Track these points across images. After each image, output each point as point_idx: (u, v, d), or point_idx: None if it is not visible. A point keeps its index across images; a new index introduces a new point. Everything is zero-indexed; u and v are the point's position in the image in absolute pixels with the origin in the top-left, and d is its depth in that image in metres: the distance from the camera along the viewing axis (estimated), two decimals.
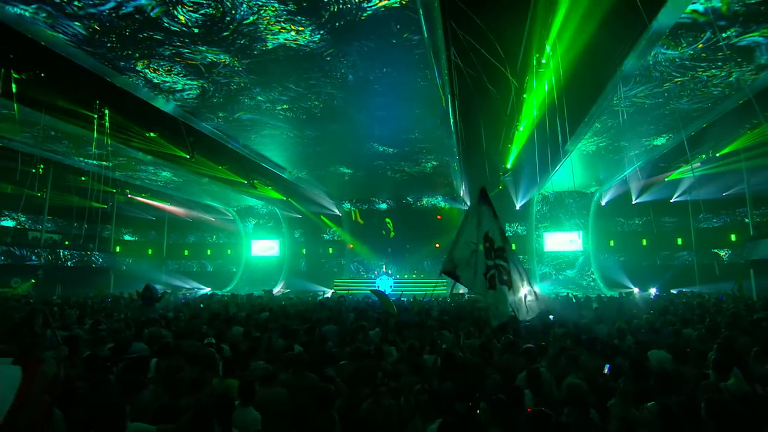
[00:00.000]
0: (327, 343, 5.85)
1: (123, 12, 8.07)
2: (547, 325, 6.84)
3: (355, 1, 7.81)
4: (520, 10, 8.06)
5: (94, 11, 8.05)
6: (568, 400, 3.10)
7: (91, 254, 24.08)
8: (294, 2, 7.87)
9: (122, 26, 8.51)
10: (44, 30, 8.53)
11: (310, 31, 8.75)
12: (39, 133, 14.58)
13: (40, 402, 2.43)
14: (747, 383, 3.37)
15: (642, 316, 7.93)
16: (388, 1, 7.74)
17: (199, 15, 8.21)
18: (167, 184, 22.29)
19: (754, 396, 3.18)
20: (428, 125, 13.70)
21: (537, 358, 4.26)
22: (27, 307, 11.88)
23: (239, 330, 6.84)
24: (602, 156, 17.11)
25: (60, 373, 2.69)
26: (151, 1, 7.78)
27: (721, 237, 21.69)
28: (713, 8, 7.69)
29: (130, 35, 8.81)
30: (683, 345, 4.98)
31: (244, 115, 13.14)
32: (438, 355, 4.64)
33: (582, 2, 7.36)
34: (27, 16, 8.11)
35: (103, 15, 8.17)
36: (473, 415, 3.21)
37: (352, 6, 7.96)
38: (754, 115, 11.15)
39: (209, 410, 2.61)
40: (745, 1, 7.57)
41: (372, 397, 3.24)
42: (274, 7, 8.02)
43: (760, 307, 9.70)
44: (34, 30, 8.47)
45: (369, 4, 7.87)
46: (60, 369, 2.68)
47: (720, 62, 9.65)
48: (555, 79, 9.47)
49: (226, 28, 8.65)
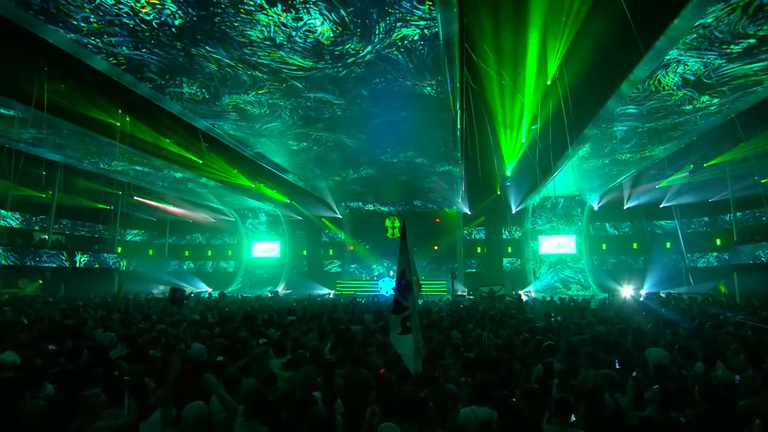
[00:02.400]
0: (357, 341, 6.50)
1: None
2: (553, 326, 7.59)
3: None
4: (528, 36, 8.82)
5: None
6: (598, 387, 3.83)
7: (96, 255, 24.43)
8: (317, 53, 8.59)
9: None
10: (93, 56, 9.15)
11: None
12: (44, 135, 15.00)
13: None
14: (730, 372, 4.15)
15: (635, 318, 8.77)
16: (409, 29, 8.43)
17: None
18: (173, 185, 22.66)
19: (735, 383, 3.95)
20: (436, 135, 14.40)
21: (555, 353, 4.99)
22: (48, 308, 12.37)
23: (274, 333, 7.47)
24: (596, 165, 18.00)
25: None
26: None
27: (707, 241, 22.78)
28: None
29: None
30: (675, 343, 5.77)
31: (261, 127, 13.75)
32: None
33: (586, 35, 8.13)
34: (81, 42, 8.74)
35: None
36: (509, 401, 3.93)
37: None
38: (737, 132, 12.09)
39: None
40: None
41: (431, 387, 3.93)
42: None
43: (741, 309, 10.60)
44: (83, 53, 9.06)
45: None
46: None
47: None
48: (558, 98, 10.25)
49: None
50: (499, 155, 15.84)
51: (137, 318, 8.86)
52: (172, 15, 8.03)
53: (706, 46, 8.64)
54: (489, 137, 13.33)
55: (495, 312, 10.64)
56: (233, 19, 8.16)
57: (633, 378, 3.80)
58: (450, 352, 5.50)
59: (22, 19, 8.03)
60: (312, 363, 4.69)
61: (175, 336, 6.56)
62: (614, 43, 8.52)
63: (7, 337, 6.07)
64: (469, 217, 26.77)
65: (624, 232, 25.49)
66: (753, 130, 12.44)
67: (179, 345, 5.73)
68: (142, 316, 9.23)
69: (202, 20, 8.19)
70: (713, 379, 3.96)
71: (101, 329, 7.54)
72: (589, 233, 25.52)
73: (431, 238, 26.49)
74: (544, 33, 8.68)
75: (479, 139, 14.37)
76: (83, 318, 8.22)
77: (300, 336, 6.82)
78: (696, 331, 6.93)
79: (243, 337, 6.28)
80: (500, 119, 13.20)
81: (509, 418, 3.15)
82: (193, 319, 8.02)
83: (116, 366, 4.59)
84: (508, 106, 12.16)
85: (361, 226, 28.17)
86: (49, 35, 8.55)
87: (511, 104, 12.00)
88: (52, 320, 8.67)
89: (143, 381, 4.04)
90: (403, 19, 8.17)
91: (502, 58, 9.77)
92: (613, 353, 5.42)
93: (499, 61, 9.72)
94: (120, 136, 13.31)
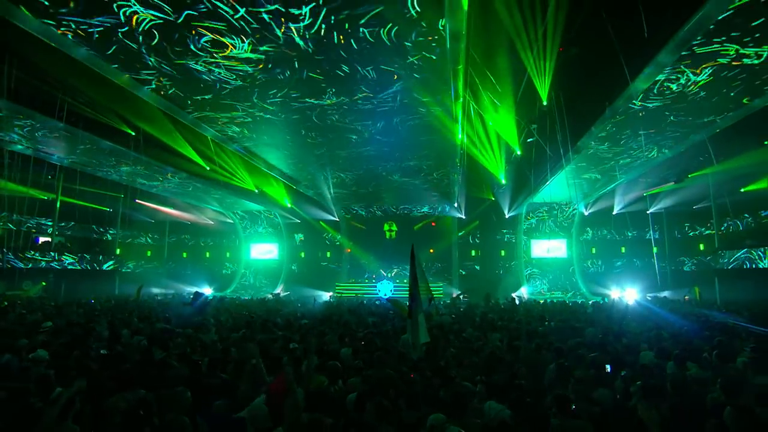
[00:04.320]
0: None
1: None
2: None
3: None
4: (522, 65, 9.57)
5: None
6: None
7: (96, 257, 24.75)
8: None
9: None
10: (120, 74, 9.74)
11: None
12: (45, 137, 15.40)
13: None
14: (703, 370, 4.91)
15: (624, 322, 9.57)
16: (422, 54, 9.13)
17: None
18: (177, 189, 23.07)
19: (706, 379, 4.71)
20: (438, 146, 15.11)
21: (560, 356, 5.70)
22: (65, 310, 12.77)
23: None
24: (587, 174, 18.89)
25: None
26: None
27: (691, 246, 23.84)
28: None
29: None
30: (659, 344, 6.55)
31: (267, 138, 14.36)
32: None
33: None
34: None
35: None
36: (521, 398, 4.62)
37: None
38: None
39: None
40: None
41: (446, 385, 4.61)
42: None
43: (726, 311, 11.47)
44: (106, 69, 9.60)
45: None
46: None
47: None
48: (554, 117, 11.03)
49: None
50: (494, 164, 16.65)
51: (158, 322, 9.34)
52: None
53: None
54: (486, 148, 14.08)
55: (493, 315, 11.35)
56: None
57: (621, 376, 4.53)
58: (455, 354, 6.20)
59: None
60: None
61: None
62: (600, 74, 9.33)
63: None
64: (463, 222, 27.58)
65: (613, 237, 26.49)
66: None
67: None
68: (164, 320, 9.71)
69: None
70: (687, 377, 4.71)
71: (126, 331, 8.01)
72: (579, 237, 26.49)
73: (427, 242, 27.27)
74: (535, 59, 9.43)
75: (477, 149, 15.21)
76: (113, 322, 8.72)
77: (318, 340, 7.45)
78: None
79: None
80: (495, 133, 14.01)
81: (522, 413, 3.81)
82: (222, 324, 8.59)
83: (169, 366, 5.17)
84: (504, 120, 12.94)
85: (358, 230, 28.79)
86: (71, 50, 9.04)
87: (507, 119, 12.79)
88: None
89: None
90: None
91: (499, 79, 10.54)
92: (606, 354, 6.15)
93: (497, 81, 10.48)
94: (134, 143, 13.81)
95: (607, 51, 7.50)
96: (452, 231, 27.92)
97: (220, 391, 4.27)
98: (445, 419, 3.25)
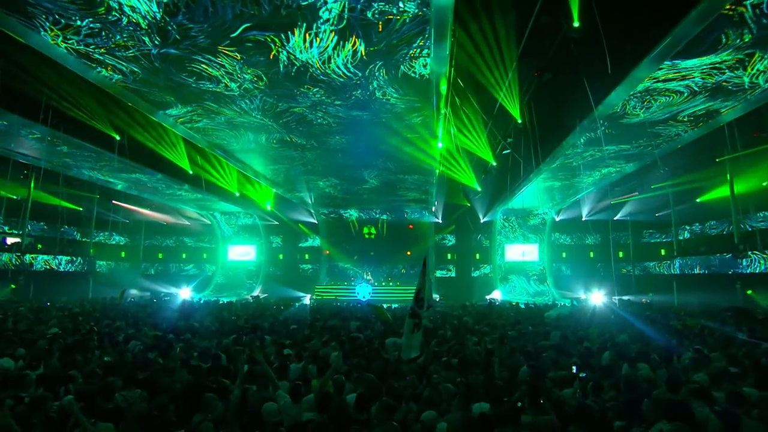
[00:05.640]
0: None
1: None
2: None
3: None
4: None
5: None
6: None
7: (69, 258, 24.16)
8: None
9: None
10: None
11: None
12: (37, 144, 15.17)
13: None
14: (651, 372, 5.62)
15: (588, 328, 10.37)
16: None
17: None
18: (156, 191, 22.86)
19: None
20: (416, 154, 15.68)
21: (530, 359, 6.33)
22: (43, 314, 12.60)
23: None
24: (558, 184, 19.92)
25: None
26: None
27: (653, 252, 25.34)
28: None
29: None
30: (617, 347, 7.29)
31: (249, 144, 14.62)
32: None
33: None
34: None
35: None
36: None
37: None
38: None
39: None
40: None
41: (429, 386, 5.14)
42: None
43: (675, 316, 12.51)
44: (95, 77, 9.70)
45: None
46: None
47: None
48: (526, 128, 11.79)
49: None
50: (471, 173, 17.42)
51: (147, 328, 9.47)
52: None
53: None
54: (463, 158, 14.81)
55: (469, 319, 11.99)
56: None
57: (579, 377, 5.16)
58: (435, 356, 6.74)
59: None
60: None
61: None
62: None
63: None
64: (440, 226, 28.36)
65: (582, 242, 27.79)
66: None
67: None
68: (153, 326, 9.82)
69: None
70: (639, 376, 5.40)
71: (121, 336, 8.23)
72: (550, 242, 27.69)
73: (405, 245, 27.94)
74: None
75: (454, 158, 15.90)
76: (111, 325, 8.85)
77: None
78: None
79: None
80: (473, 144, 14.72)
81: (499, 409, 4.36)
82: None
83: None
84: (480, 133, 13.65)
85: (337, 232, 29.13)
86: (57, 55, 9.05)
87: (483, 132, 13.51)
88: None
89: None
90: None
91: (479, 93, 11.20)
92: (572, 357, 6.82)
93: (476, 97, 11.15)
94: (117, 148, 13.79)
95: (574, 79, 8.25)
96: (429, 235, 28.66)
97: (221, 395, 4.65)
98: (436, 416, 3.76)
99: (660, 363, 6.09)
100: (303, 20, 7.68)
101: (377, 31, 7.98)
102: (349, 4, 7.20)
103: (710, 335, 8.85)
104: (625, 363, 5.93)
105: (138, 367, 5.45)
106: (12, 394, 4.48)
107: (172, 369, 5.49)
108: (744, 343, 7.76)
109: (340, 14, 7.47)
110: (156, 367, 5.65)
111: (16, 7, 7.43)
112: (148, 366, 5.69)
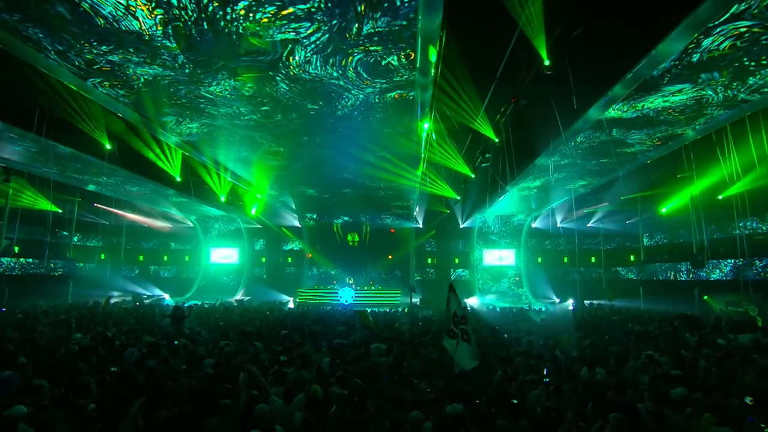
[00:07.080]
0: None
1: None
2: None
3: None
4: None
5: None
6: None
7: (48, 262, 23.83)
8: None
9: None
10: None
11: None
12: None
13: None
14: (607, 375, 6.39)
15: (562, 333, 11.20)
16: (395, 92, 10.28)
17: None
18: (139, 195, 22.83)
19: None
20: (399, 162, 16.33)
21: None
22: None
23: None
24: (534, 193, 20.92)
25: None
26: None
27: (622, 258, 26.68)
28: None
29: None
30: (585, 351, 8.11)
31: (238, 151, 15.02)
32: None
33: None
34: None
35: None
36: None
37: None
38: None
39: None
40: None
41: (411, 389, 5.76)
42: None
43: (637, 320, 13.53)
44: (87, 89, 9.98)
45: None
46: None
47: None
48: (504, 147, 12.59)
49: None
50: (451, 182, 18.24)
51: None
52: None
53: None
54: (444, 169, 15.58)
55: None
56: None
57: (543, 383, 5.88)
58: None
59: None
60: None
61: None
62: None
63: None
64: (421, 231, 29.12)
65: (557, 248, 28.97)
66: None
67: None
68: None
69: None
70: (595, 380, 6.16)
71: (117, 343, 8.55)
72: (527, 248, 28.79)
73: (386, 249, 28.57)
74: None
75: (436, 169, 16.64)
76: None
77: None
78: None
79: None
80: (453, 157, 15.49)
81: (473, 411, 5.00)
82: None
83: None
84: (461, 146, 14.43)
85: (320, 236, 29.51)
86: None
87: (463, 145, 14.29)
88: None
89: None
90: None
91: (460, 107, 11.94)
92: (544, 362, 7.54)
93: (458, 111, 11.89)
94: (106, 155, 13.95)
95: (546, 108, 9.05)
96: (410, 239, 29.37)
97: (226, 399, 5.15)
98: (422, 416, 4.37)
99: (615, 367, 6.88)
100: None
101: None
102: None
103: (665, 341, 9.78)
104: (584, 367, 6.69)
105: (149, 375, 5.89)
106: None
107: (176, 375, 5.94)
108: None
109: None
110: (160, 373, 6.09)
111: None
112: (152, 373, 6.12)
